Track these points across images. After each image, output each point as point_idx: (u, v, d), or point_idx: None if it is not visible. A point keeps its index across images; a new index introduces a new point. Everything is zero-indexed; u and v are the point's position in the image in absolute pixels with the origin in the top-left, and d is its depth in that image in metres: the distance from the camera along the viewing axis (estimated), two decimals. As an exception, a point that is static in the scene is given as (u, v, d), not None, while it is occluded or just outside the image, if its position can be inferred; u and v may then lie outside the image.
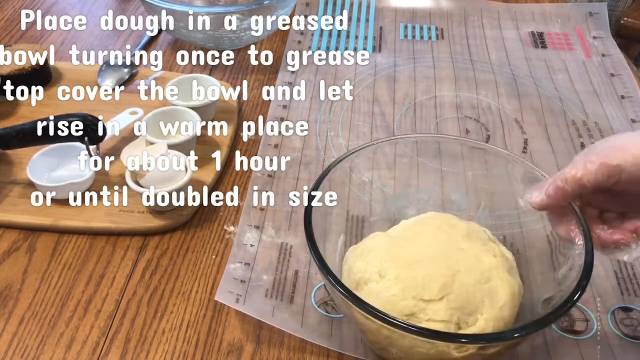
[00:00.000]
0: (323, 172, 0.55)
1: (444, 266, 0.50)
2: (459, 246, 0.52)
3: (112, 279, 0.60)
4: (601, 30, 1.00)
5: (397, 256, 0.51)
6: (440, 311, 0.48)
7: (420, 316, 0.48)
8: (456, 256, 0.51)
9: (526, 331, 0.44)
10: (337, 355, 0.54)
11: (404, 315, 0.48)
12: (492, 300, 0.49)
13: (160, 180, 0.63)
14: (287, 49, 0.94)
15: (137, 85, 0.84)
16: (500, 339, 0.45)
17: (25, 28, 0.99)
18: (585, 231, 0.49)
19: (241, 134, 0.78)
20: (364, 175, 0.64)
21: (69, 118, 0.66)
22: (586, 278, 0.45)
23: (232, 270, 0.60)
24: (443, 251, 0.51)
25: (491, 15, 1.03)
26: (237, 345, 0.55)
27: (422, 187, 0.63)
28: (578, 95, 0.86)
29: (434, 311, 0.48)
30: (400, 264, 0.50)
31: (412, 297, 0.48)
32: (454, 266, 0.50)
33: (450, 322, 0.48)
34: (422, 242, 0.53)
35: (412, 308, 0.48)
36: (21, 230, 0.65)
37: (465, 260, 0.50)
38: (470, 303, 0.48)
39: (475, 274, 0.50)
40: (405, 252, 0.52)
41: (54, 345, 0.55)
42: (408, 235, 0.54)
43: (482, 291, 0.49)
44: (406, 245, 0.53)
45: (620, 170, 0.44)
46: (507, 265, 0.52)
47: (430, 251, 0.51)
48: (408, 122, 0.80)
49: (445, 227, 0.54)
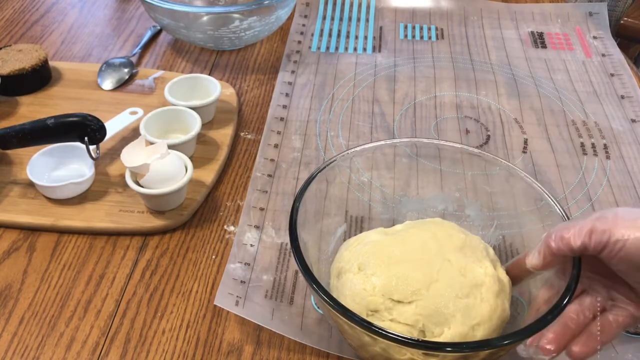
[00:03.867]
0: (308, 178, 0.56)
1: (423, 273, 0.49)
2: (446, 257, 0.51)
3: (112, 279, 0.60)
4: (601, 30, 1.00)
5: (380, 254, 0.52)
6: (406, 314, 0.48)
7: (384, 315, 0.48)
8: (439, 266, 0.50)
9: (483, 346, 0.44)
10: (336, 357, 0.54)
11: (368, 311, 0.48)
12: (466, 316, 0.48)
13: (160, 180, 0.63)
14: (287, 49, 0.94)
15: (137, 85, 0.85)
16: (438, 348, 0.44)
17: (25, 28, 0.99)
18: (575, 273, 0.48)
19: (241, 134, 0.78)
20: (363, 175, 0.64)
21: (69, 118, 0.66)
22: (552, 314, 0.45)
23: (232, 271, 0.60)
24: (428, 258, 0.51)
25: (491, 15, 1.03)
26: (237, 346, 0.55)
27: (435, 194, 0.63)
28: (578, 95, 0.86)
29: (400, 313, 0.48)
30: (381, 261, 0.51)
31: (382, 295, 0.48)
32: (433, 275, 0.49)
33: (414, 328, 0.48)
34: (410, 245, 0.52)
35: (379, 305, 0.48)
36: (21, 230, 0.65)
37: (447, 271, 0.50)
38: (439, 314, 0.48)
39: (453, 287, 0.49)
40: (389, 252, 0.52)
41: (54, 345, 0.55)
42: (401, 236, 0.54)
43: (456, 305, 0.48)
44: (394, 245, 0.53)
45: (608, 235, 0.43)
46: (496, 288, 0.50)
47: (415, 255, 0.51)
48: (408, 122, 0.80)
49: (441, 235, 0.53)
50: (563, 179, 0.72)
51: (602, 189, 0.71)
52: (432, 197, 0.63)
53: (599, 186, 0.71)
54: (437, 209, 0.62)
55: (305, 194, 0.54)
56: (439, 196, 0.63)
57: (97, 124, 0.67)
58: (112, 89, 0.84)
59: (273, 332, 0.55)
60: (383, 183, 0.65)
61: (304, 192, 0.54)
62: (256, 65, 0.91)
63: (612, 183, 0.72)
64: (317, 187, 0.57)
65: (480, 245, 0.54)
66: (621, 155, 0.76)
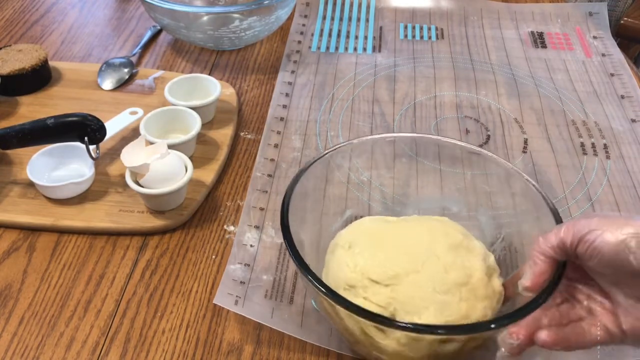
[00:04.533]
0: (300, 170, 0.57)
1: (407, 261, 0.50)
2: (435, 253, 0.51)
3: (112, 279, 0.60)
4: (601, 30, 1.00)
5: (372, 236, 0.53)
6: (380, 295, 0.49)
7: (359, 291, 0.50)
8: (425, 259, 0.50)
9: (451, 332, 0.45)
10: (336, 355, 0.54)
11: (346, 285, 0.50)
12: (439, 312, 0.48)
13: (160, 180, 0.63)
14: (287, 49, 0.94)
15: (137, 85, 0.85)
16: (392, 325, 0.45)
17: (25, 28, 0.99)
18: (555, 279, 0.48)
19: (241, 134, 0.78)
20: (363, 175, 0.64)
21: (69, 118, 0.66)
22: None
23: (231, 272, 0.60)
24: (416, 250, 0.51)
25: (491, 15, 1.03)
26: (237, 345, 0.55)
27: (435, 195, 0.64)
28: (578, 95, 0.86)
29: (374, 293, 0.49)
30: (370, 243, 0.52)
31: (361, 273, 0.50)
32: (416, 265, 0.50)
33: (385, 310, 0.49)
34: (403, 234, 0.53)
35: (356, 282, 0.50)
36: (21, 230, 0.65)
37: (431, 265, 0.50)
38: (413, 304, 0.48)
39: (433, 281, 0.49)
40: (381, 236, 0.53)
41: (54, 345, 0.55)
42: (399, 225, 0.55)
43: (432, 299, 0.48)
44: (388, 231, 0.54)
45: (585, 229, 0.43)
46: (482, 293, 0.50)
47: (404, 244, 0.52)
48: (408, 122, 0.80)
49: (437, 231, 0.54)
50: (563, 178, 0.72)
51: (602, 188, 0.71)
52: (432, 198, 0.63)
53: (599, 186, 0.71)
54: (437, 209, 0.62)
55: (304, 176, 0.56)
56: (439, 196, 0.63)
57: (97, 124, 0.67)
58: (112, 89, 0.84)
59: (273, 332, 0.55)
60: (383, 182, 0.65)
61: (306, 170, 0.56)
62: (256, 65, 0.91)
63: (612, 183, 0.72)
64: (314, 184, 0.58)
65: (480, 250, 0.54)
66: (621, 155, 0.76)
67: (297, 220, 0.53)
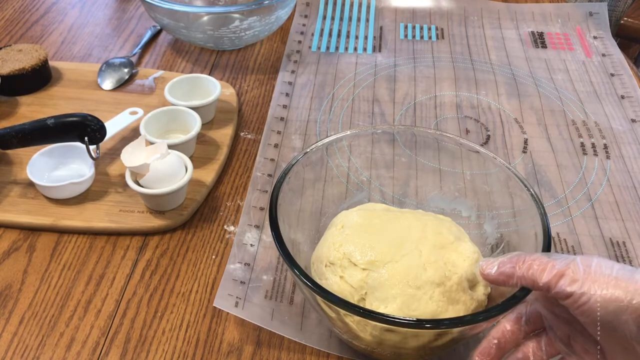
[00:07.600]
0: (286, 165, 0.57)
1: (388, 251, 0.51)
2: (419, 247, 0.51)
3: (112, 279, 0.60)
4: (601, 30, 1.00)
5: (364, 220, 0.54)
6: (354, 278, 0.50)
7: (337, 269, 0.51)
8: (407, 252, 0.51)
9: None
10: (336, 357, 0.54)
11: (327, 262, 0.52)
12: (405, 305, 0.48)
13: (160, 180, 0.63)
14: (287, 48, 0.94)
15: (137, 85, 0.85)
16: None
17: (25, 28, 0.99)
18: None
19: (241, 134, 0.78)
20: (362, 174, 0.64)
21: (69, 118, 0.66)
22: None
23: (232, 271, 0.60)
24: (401, 241, 0.52)
25: (491, 15, 1.03)
26: (237, 346, 0.55)
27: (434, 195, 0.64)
28: (578, 95, 0.86)
29: (350, 274, 0.50)
30: (359, 226, 0.54)
31: (343, 253, 0.52)
32: (396, 256, 0.50)
33: (357, 292, 0.50)
34: (396, 226, 0.54)
35: (337, 261, 0.52)
36: (21, 230, 0.65)
37: (411, 258, 0.50)
38: (383, 292, 0.49)
39: (407, 275, 0.49)
40: (372, 222, 0.54)
41: (54, 345, 0.55)
42: (397, 216, 0.55)
43: (402, 292, 0.49)
44: (382, 218, 0.55)
45: (575, 286, 0.41)
46: (456, 297, 0.50)
47: (391, 234, 0.53)
48: (408, 122, 0.80)
49: (430, 228, 0.54)
50: (563, 178, 0.72)
51: (602, 188, 0.71)
52: (432, 198, 0.63)
53: (599, 186, 0.71)
54: (437, 209, 0.62)
55: (294, 168, 0.56)
56: (438, 196, 0.63)
57: (97, 124, 0.67)
58: (112, 89, 0.84)
59: (273, 332, 0.55)
60: (382, 182, 0.65)
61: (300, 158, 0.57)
62: (256, 65, 0.91)
63: (612, 183, 0.72)
64: (312, 183, 0.58)
65: (471, 255, 0.52)
66: (621, 155, 0.76)
67: (294, 221, 0.53)
